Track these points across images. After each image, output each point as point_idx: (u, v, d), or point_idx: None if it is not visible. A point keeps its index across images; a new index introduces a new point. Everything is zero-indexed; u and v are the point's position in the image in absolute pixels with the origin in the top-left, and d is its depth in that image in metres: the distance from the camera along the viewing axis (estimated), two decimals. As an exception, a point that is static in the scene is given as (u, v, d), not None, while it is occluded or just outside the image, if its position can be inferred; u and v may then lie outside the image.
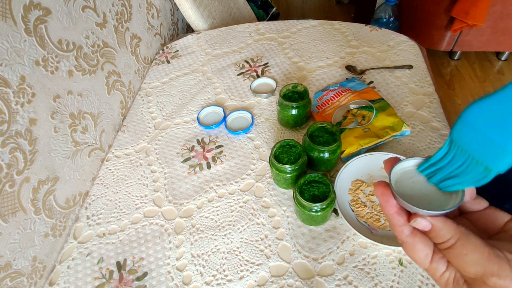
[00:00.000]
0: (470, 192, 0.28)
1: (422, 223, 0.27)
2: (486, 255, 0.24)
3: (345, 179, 0.58)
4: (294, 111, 0.65)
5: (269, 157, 0.58)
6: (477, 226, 0.28)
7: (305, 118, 0.68)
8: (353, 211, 0.55)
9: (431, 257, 0.27)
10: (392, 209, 0.28)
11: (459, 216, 0.30)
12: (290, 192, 0.61)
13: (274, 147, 0.58)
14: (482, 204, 0.29)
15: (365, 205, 0.56)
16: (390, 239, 0.51)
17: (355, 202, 0.56)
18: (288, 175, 0.56)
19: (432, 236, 0.27)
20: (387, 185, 0.29)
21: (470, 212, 0.29)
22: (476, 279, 0.24)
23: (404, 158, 0.31)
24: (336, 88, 0.72)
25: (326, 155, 0.57)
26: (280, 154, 0.58)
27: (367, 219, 0.54)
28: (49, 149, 0.57)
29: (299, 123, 0.68)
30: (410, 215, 0.28)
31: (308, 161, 0.58)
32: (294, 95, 0.66)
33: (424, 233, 0.27)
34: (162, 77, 0.88)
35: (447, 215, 0.27)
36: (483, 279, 0.24)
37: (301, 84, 0.66)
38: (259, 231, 0.57)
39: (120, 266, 0.56)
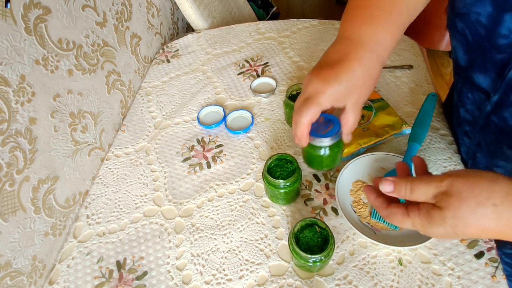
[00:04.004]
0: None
1: (385, 188, 0.38)
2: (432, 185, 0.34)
3: (346, 180, 0.58)
4: None
5: (263, 171, 0.56)
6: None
7: None
8: (355, 212, 0.55)
9: (408, 214, 0.37)
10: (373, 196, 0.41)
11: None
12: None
13: (269, 158, 0.56)
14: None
15: (367, 206, 0.56)
16: (393, 239, 0.51)
17: (357, 203, 0.56)
18: (282, 191, 0.55)
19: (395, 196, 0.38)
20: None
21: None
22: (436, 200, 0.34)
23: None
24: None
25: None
26: (274, 168, 0.57)
27: (370, 219, 0.54)
28: (49, 148, 0.57)
29: None
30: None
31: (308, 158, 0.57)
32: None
33: (395, 200, 0.40)
34: (162, 77, 0.88)
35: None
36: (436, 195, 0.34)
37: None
38: (259, 230, 0.57)
39: (120, 265, 0.56)
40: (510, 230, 0.31)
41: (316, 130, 0.47)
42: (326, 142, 0.47)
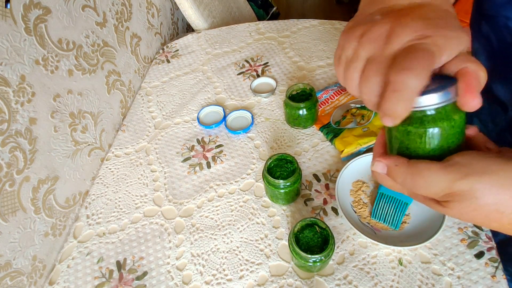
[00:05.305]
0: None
1: (378, 168, 0.31)
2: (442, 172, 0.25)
3: (346, 180, 0.58)
4: (301, 111, 0.65)
5: (263, 170, 0.56)
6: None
7: (315, 116, 0.68)
8: (355, 212, 0.55)
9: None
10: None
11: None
12: (290, 191, 0.61)
13: (269, 158, 0.56)
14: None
15: (367, 206, 0.56)
16: (393, 239, 0.51)
17: (357, 203, 0.56)
18: (282, 191, 0.55)
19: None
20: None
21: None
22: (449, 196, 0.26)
23: None
24: (335, 87, 0.72)
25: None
26: (274, 168, 0.57)
27: (370, 219, 0.54)
28: (49, 149, 0.57)
29: (309, 122, 0.68)
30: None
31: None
32: (301, 96, 0.67)
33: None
34: (162, 77, 0.88)
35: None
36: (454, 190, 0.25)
37: (308, 84, 0.66)
38: (259, 230, 0.57)
39: (120, 265, 0.56)
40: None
41: None
42: (434, 100, 0.25)
